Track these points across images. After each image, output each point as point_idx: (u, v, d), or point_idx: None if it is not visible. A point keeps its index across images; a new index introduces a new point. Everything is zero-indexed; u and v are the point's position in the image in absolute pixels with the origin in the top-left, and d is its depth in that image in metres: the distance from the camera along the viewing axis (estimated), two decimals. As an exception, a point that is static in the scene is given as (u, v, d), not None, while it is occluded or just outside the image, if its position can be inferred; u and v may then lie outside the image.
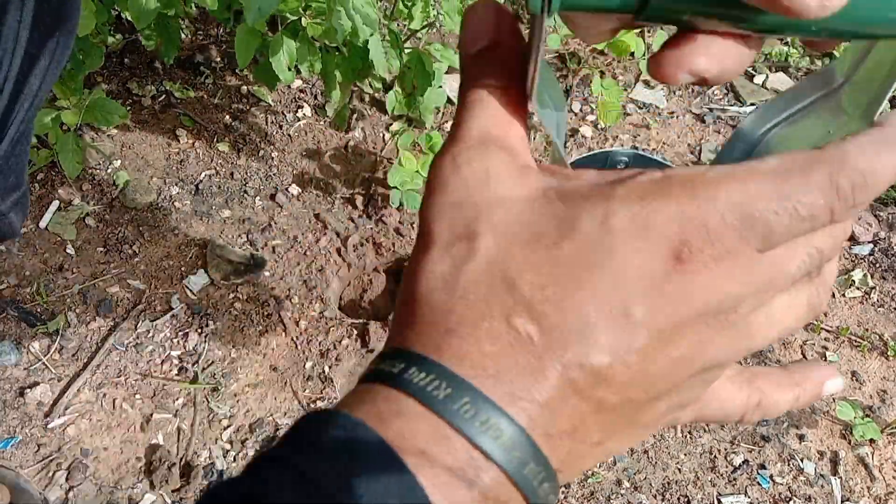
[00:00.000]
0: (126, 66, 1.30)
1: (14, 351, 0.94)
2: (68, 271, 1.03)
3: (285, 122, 1.28)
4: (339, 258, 1.13)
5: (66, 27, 0.38)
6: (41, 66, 0.37)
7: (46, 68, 0.38)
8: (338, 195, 1.20)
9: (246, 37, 0.91)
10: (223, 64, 1.34)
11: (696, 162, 1.34)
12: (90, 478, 0.87)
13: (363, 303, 1.11)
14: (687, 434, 0.98)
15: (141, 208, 1.12)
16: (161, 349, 0.97)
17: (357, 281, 1.14)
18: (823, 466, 0.98)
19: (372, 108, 1.33)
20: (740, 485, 0.94)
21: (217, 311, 1.02)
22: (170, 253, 1.08)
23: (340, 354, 0.99)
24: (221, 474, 0.87)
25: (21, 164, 0.42)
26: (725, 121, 1.42)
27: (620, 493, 0.91)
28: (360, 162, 1.25)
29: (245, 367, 0.97)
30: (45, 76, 0.38)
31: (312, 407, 0.95)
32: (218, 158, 1.21)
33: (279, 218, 1.15)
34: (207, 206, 1.15)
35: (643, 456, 0.95)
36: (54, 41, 0.37)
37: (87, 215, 1.10)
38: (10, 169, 0.40)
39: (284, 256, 1.11)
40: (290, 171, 1.22)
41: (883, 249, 1.23)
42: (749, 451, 0.98)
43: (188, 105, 1.27)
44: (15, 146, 0.39)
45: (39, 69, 0.37)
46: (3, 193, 0.40)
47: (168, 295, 1.03)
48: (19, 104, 0.37)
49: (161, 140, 1.21)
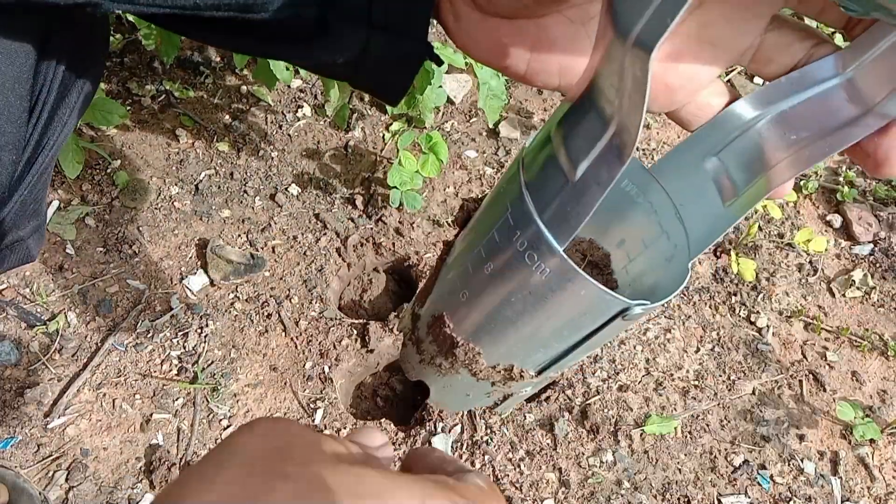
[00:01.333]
0: (126, 65, 1.30)
1: (14, 351, 0.94)
2: (68, 271, 1.03)
3: (285, 122, 1.28)
4: (339, 258, 1.12)
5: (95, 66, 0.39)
6: (71, 99, 0.39)
7: (76, 103, 0.39)
8: (338, 195, 1.20)
9: (245, 37, 0.90)
10: (223, 64, 1.34)
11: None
12: (90, 478, 0.87)
13: (363, 303, 1.11)
14: (687, 434, 0.98)
15: (141, 208, 1.12)
16: (161, 349, 0.97)
17: (357, 281, 1.14)
18: (823, 466, 0.98)
19: (372, 107, 1.33)
20: (740, 485, 0.94)
21: (217, 311, 1.02)
22: (169, 253, 1.08)
23: (340, 354, 0.99)
24: (221, 474, 0.87)
25: (42, 193, 0.43)
26: (725, 120, 1.42)
27: (620, 493, 0.91)
28: (359, 162, 1.25)
29: (245, 367, 0.97)
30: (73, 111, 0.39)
31: (312, 407, 0.95)
32: (218, 158, 1.21)
33: (279, 218, 1.15)
34: (207, 206, 1.15)
35: (643, 456, 0.95)
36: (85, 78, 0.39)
37: (87, 215, 1.10)
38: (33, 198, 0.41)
39: (284, 256, 1.11)
40: (290, 171, 1.22)
41: (883, 249, 1.22)
42: (749, 451, 0.97)
43: (188, 105, 1.27)
44: (41, 176, 0.40)
45: (70, 103, 0.39)
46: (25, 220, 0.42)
47: (168, 295, 1.03)
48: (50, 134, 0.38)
49: (161, 140, 1.21)
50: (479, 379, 0.75)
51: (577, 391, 1.00)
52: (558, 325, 0.57)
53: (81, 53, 0.38)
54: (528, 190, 0.48)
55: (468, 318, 0.67)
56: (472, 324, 0.67)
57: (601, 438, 0.96)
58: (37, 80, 0.36)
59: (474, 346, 0.69)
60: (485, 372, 0.72)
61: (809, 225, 1.26)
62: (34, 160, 0.39)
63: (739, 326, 1.11)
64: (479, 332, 0.66)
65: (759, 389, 1.04)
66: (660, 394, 1.01)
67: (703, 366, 1.05)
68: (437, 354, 0.77)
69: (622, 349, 1.05)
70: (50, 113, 0.38)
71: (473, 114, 1.37)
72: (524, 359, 0.68)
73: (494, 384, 0.76)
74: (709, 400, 1.02)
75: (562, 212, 0.43)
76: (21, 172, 0.38)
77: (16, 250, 0.43)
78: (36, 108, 0.37)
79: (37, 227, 0.45)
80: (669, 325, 1.09)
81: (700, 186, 0.46)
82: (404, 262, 1.13)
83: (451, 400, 0.96)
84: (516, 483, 0.90)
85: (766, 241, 1.22)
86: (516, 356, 0.68)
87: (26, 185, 0.39)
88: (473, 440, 0.93)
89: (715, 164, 0.43)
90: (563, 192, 0.42)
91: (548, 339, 0.61)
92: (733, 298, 1.14)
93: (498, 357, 0.69)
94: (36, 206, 0.43)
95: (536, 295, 0.52)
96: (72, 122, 0.40)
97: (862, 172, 1.34)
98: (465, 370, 0.75)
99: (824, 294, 1.17)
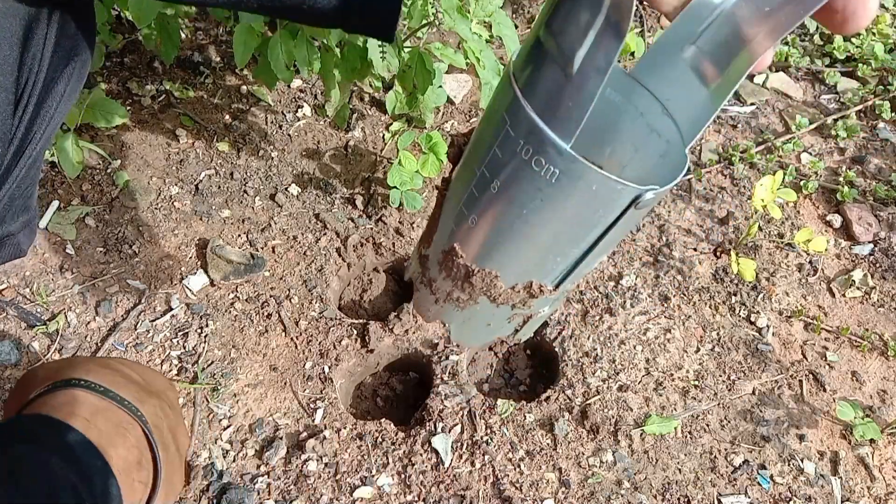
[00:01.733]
0: (126, 66, 1.30)
1: (14, 351, 0.94)
2: (68, 271, 1.03)
3: (285, 122, 1.28)
4: (339, 258, 1.12)
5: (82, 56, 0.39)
6: (58, 92, 0.39)
7: (63, 94, 0.39)
8: (338, 195, 1.20)
9: (244, 36, 0.91)
10: (223, 64, 1.34)
11: (696, 161, 1.34)
12: (90, 478, 0.87)
13: (363, 303, 1.11)
14: (687, 434, 0.98)
15: (141, 208, 1.12)
16: (161, 349, 0.97)
17: (357, 281, 1.14)
18: (823, 466, 0.98)
19: (372, 107, 1.33)
20: (740, 485, 0.94)
21: (217, 311, 1.02)
22: (169, 253, 1.08)
23: (340, 354, 0.99)
24: (221, 475, 0.87)
25: (32, 188, 0.43)
26: (726, 120, 1.42)
27: (620, 493, 0.91)
28: (359, 162, 1.25)
29: (245, 367, 0.97)
30: (60, 102, 0.39)
31: (312, 407, 0.95)
32: (218, 158, 1.21)
33: (279, 218, 1.15)
34: (207, 206, 1.15)
35: (643, 456, 0.95)
36: (71, 68, 0.39)
37: (87, 215, 1.10)
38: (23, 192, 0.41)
39: (284, 256, 1.11)
40: (290, 171, 1.22)
41: (883, 249, 1.22)
42: (749, 451, 0.98)
43: (188, 105, 1.27)
44: (29, 170, 0.40)
45: (56, 95, 0.39)
46: (15, 215, 0.42)
47: (168, 295, 1.03)
48: (37, 127, 0.38)
49: (161, 140, 1.21)
50: (499, 304, 0.74)
51: (577, 391, 1.00)
52: (573, 228, 0.56)
53: (67, 44, 0.38)
54: (523, 96, 0.48)
55: (480, 244, 0.65)
56: (485, 248, 0.66)
57: (601, 438, 0.96)
58: (21, 72, 0.36)
59: (490, 271, 0.69)
60: (504, 295, 0.71)
61: (809, 225, 1.26)
62: (21, 153, 0.38)
63: (739, 326, 1.11)
64: (494, 254, 0.66)
65: (759, 389, 1.04)
66: (660, 394, 1.01)
67: (703, 366, 1.05)
68: (454, 288, 0.77)
69: (622, 349, 1.05)
70: (36, 105, 0.38)
71: (473, 114, 1.37)
72: (541, 273, 0.68)
73: (514, 307, 0.75)
74: (709, 400, 1.02)
75: (563, 109, 0.43)
76: (8, 166, 0.38)
77: (5, 245, 0.43)
78: (21, 101, 0.37)
79: (27, 223, 0.45)
80: (669, 325, 1.09)
81: (682, 78, 0.46)
82: (404, 262, 1.13)
83: (472, 335, 0.97)
84: (516, 483, 0.90)
85: (766, 241, 1.22)
86: (533, 272, 0.68)
87: (14, 180, 0.39)
88: (473, 440, 0.93)
89: (693, 52, 0.43)
90: (562, 89, 0.42)
91: (564, 245, 0.60)
92: (733, 298, 1.14)
93: (515, 277, 0.69)
94: (25, 201, 0.43)
95: (548, 200, 0.52)
96: (60, 114, 0.39)
97: (862, 172, 1.34)
98: (483, 297, 0.75)
99: (824, 294, 1.17)
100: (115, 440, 0.51)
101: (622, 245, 1.18)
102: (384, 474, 0.90)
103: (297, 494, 0.87)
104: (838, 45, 1.53)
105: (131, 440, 0.53)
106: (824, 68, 1.52)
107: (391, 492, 0.89)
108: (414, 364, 1.04)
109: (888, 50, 1.53)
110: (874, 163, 1.36)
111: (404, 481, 0.89)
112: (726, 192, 1.29)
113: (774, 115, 1.44)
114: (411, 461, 0.91)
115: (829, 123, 1.41)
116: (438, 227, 0.75)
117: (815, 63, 1.54)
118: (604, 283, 1.12)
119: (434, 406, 0.95)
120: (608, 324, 1.07)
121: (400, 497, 0.88)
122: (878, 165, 1.35)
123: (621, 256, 1.16)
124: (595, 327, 1.07)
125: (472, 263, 0.70)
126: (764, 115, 1.44)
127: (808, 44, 1.59)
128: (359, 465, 0.90)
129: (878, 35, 1.56)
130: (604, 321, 1.07)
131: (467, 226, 0.66)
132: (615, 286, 1.12)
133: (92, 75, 1.24)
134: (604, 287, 1.12)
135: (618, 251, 1.17)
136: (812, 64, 1.53)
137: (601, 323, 1.07)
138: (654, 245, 1.19)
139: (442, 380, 0.98)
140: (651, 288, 1.13)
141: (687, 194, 1.28)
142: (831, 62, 1.55)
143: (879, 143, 1.40)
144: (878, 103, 1.43)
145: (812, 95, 1.49)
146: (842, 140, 1.39)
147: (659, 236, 1.20)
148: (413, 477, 0.90)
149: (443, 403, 0.95)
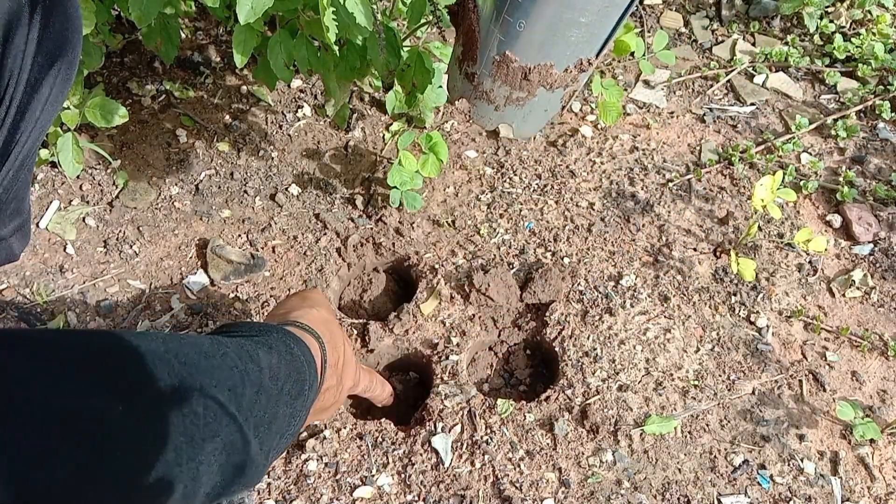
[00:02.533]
0: (126, 65, 1.30)
1: (14, 351, 0.94)
2: (68, 271, 1.03)
3: (285, 122, 1.28)
4: (339, 258, 1.13)
5: (67, 57, 0.38)
6: (43, 94, 0.38)
7: (48, 98, 0.38)
8: (338, 195, 1.20)
9: (243, 36, 0.91)
10: (223, 63, 1.34)
11: (696, 161, 1.34)
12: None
13: (363, 303, 1.11)
14: (687, 434, 0.98)
15: (141, 208, 1.13)
16: (161, 349, 0.97)
17: (357, 281, 1.14)
18: (823, 466, 0.98)
19: (372, 107, 1.33)
20: (740, 485, 0.94)
21: (217, 311, 1.02)
22: (170, 253, 1.08)
23: (340, 354, 0.99)
24: (221, 474, 0.87)
25: (23, 192, 0.42)
26: (725, 120, 1.42)
27: (620, 493, 0.91)
28: (359, 162, 1.25)
29: (245, 366, 0.97)
30: (45, 106, 0.38)
31: (312, 407, 0.95)
32: (218, 158, 1.21)
33: (279, 218, 1.15)
34: (207, 206, 1.15)
35: (643, 456, 0.95)
36: (56, 70, 0.38)
37: (87, 215, 1.10)
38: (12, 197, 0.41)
39: (284, 256, 1.11)
40: (290, 171, 1.22)
41: (883, 249, 1.22)
42: (749, 451, 0.98)
43: (188, 105, 1.27)
44: (17, 174, 0.39)
45: (41, 97, 0.38)
46: (5, 220, 0.41)
47: (168, 295, 1.03)
48: (21, 132, 0.38)
49: (161, 140, 1.21)
50: (555, 88, 0.83)
51: (577, 391, 1.00)
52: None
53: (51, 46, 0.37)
54: None
55: (532, 44, 0.73)
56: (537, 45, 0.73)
57: (601, 438, 0.96)
58: (2, 76, 0.35)
59: (546, 63, 0.74)
60: (559, 79, 0.79)
61: (809, 225, 1.26)
62: (5, 158, 0.38)
63: (739, 326, 1.11)
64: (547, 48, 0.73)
65: (759, 389, 1.04)
66: (660, 394, 1.01)
67: (702, 366, 1.05)
68: (513, 90, 0.85)
69: (622, 349, 1.05)
70: (19, 109, 0.37)
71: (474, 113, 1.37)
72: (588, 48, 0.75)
73: (567, 86, 0.84)
74: (708, 400, 1.02)
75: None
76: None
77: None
78: (3, 105, 0.36)
79: (19, 226, 0.44)
80: (669, 325, 1.09)
81: None
82: (404, 262, 1.13)
83: (533, 124, 1.04)
84: (516, 483, 0.90)
85: (766, 241, 1.22)
86: (582, 49, 0.75)
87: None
88: (473, 440, 0.93)
89: None
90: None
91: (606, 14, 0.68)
92: (733, 298, 1.14)
93: (567, 60, 0.76)
94: (17, 204, 0.42)
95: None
96: (46, 117, 0.38)
97: (862, 172, 1.34)
98: (541, 88, 0.83)
99: (824, 294, 1.17)
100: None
101: (622, 245, 1.18)
102: (384, 474, 0.90)
103: (297, 494, 0.87)
104: (838, 46, 1.53)
105: None
106: (824, 68, 1.52)
107: (391, 492, 0.89)
108: (414, 364, 1.04)
109: (888, 50, 1.53)
110: (874, 163, 1.36)
111: (404, 481, 0.89)
112: (726, 192, 1.29)
113: (774, 115, 1.44)
114: (411, 461, 0.91)
115: (828, 123, 1.41)
116: (480, 42, 0.83)
117: (815, 63, 1.54)
118: (604, 283, 1.12)
119: (434, 406, 0.95)
120: (608, 324, 1.07)
121: (400, 497, 0.88)
122: (878, 165, 1.35)
123: (621, 256, 1.17)
124: (595, 327, 1.07)
125: (528, 62, 0.78)
126: (764, 115, 1.44)
127: (808, 44, 1.59)
128: (359, 464, 0.90)
129: (878, 35, 1.56)
130: (604, 321, 1.07)
131: (516, 31, 0.75)
132: (615, 286, 1.12)
133: (92, 75, 1.24)
134: (604, 287, 1.12)
135: (618, 251, 1.17)
136: (812, 64, 1.53)
137: (601, 323, 1.07)
138: (654, 245, 1.19)
139: (442, 380, 0.98)
140: (651, 288, 1.13)
141: (687, 194, 1.28)
142: (831, 62, 1.55)
143: (879, 143, 1.40)
144: (878, 103, 1.43)
145: (812, 95, 1.49)
146: (842, 140, 1.39)
147: (659, 236, 1.20)
148: (413, 477, 0.90)
149: (443, 403, 0.95)
